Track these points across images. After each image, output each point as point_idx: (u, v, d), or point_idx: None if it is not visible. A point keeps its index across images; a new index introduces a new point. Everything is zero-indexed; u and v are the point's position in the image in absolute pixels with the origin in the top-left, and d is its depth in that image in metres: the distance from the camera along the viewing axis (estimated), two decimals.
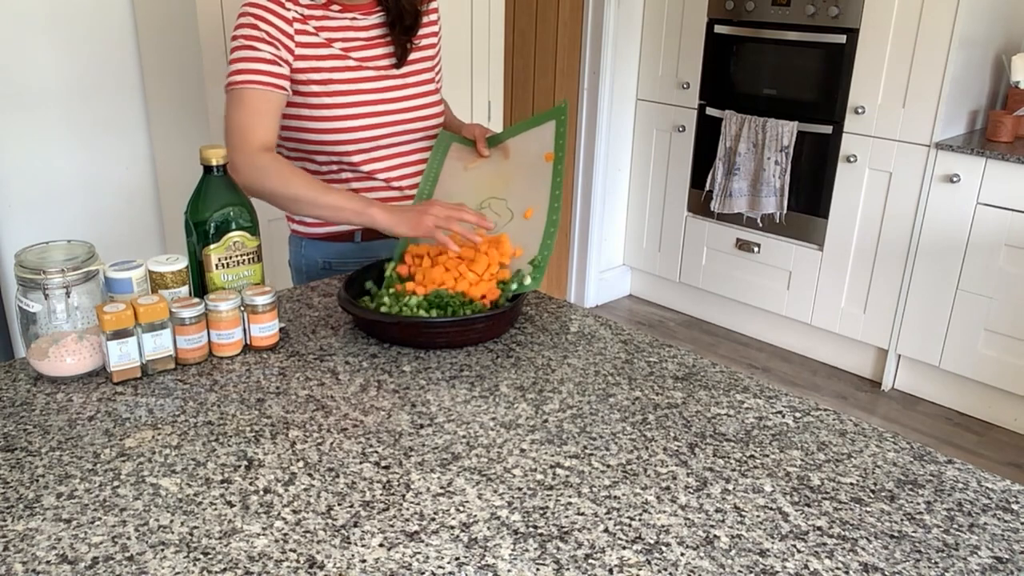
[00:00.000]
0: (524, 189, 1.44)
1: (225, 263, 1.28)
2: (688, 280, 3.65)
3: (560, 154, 1.44)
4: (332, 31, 1.46)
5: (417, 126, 1.55)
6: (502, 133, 1.55)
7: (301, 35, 1.43)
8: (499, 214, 1.42)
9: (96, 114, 2.40)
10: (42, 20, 2.25)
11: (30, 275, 1.13)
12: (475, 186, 1.49)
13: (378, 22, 1.51)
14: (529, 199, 1.42)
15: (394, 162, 1.55)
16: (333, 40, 1.46)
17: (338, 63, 1.46)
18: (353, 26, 1.48)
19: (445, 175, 1.52)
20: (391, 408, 1.08)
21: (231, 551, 0.81)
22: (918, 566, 0.81)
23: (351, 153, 1.50)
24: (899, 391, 3.14)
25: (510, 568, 0.80)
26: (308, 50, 1.43)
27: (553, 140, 1.46)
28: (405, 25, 1.51)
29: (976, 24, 2.76)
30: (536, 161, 1.46)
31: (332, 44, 1.46)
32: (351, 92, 1.47)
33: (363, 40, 1.49)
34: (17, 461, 0.96)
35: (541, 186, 1.42)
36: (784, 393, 1.15)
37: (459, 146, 1.56)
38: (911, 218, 2.91)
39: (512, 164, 1.50)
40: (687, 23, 3.39)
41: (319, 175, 1.52)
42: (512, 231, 1.38)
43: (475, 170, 1.52)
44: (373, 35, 1.50)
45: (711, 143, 3.37)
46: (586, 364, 1.22)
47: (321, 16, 1.45)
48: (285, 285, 1.52)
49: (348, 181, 1.53)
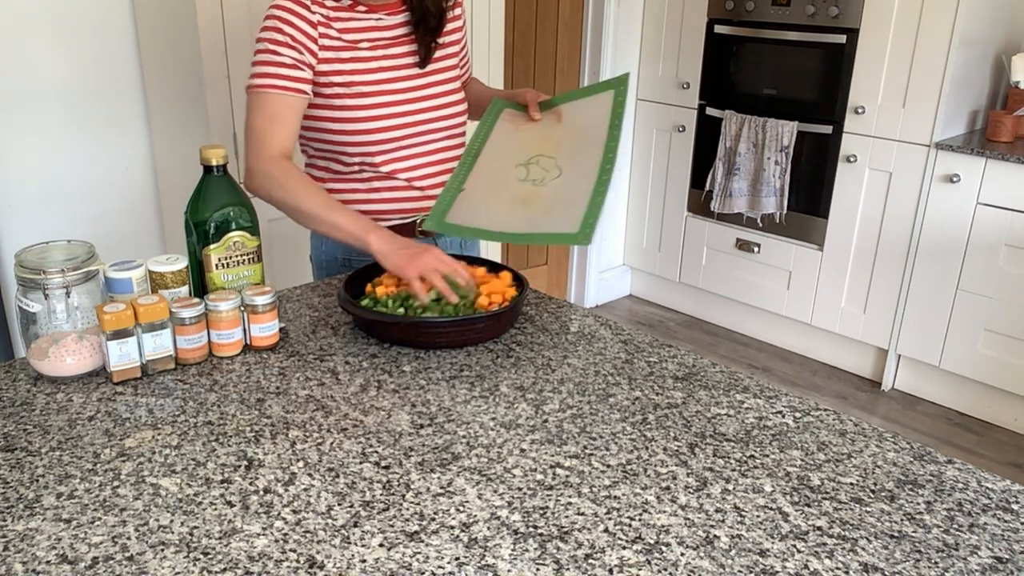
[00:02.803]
0: (575, 150, 1.43)
1: (225, 263, 1.28)
2: (688, 280, 3.65)
3: (617, 121, 1.43)
4: (357, 32, 1.46)
5: (440, 125, 1.55)
6: (555, 98, 1.55)
7: (325, 38, 1.43)
8: (547, 171, 1.42)
9: (96, 114, 2.40)
10: (43, 20, 2.25)
11: (30, 275, 1.13)
12: (525, 144, 1.49)
13: (403, 21, 1.51)
14: (579, 160, 1.41)
15: (416, 162, 1.54)
16: (358, 41, 1.46)
17: (361, 65, 1.46)
18: (378, 26, 1.48)
19: (496, 134, 1.52)
20: (391, 408, 1.08)
21: (231, 551, 0.81)
22: (918, 566, 0.81)
23: (373, 154, 1.50)
24: (899, 391, 3.14)
25: (510, 568, 0.80)
26: (331, 52, 1.44)
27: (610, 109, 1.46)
28: (430, 26, 1.51)
29: (976, 24, 2.76)
30: (590, 125, 1.45)
31: (357, 45, 1.46)
32: (374, 93, 1.47)
33: (388, 39, 1.49)
34: (17, 461, 0.96)
35: (592, 148, 1.41)
36: (784, 393, 1.15)
37: (511, 111, 1.56)
38: (911, 218, 2.91)
39: (564, 127, 1.50)
40: (687, 23, 3.39)
41: (343, 175, 1.53)
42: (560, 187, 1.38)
43: (526, 131, 1.52)
44: (398, 35, 1.50)
45: (711, 143, 3.37)
46: (586, 364, 1.22)
47: (347, 18, 1.46)
48: (293, 283, 1.52)
49: (369, 180, 1.53)
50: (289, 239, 2.37)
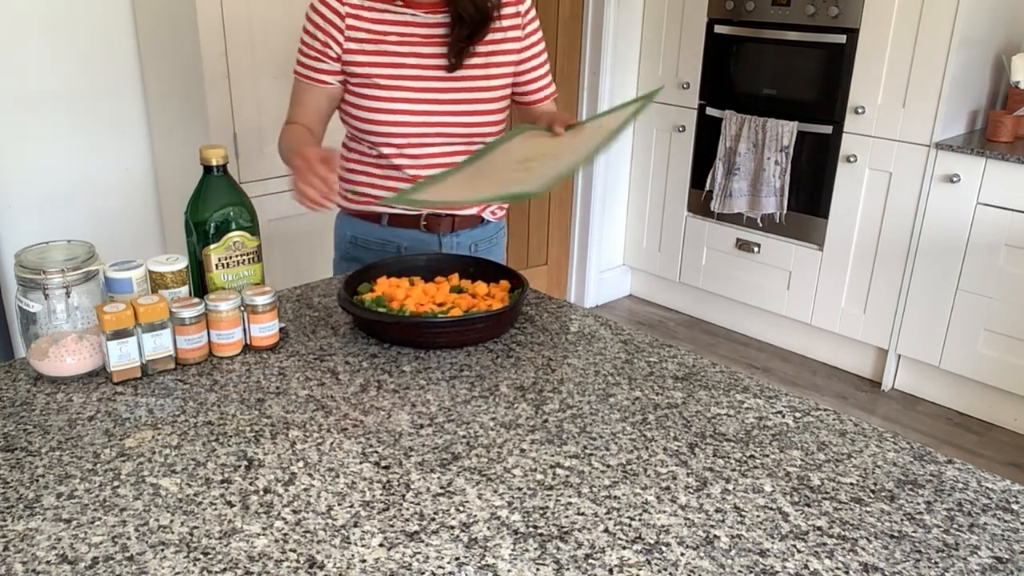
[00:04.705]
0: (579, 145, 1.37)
1: (225, 263, 1.28)
2: (688, 280, 3.65)
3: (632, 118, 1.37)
4: (388, 24, 1.47)
5: (460, 131, 1.53)
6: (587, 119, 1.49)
7: (352, 29, 1.46)
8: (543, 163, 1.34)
9: (96, 114, 2.40)
10: (42, 20, 2.25)
11: (30, 275, 1.13)
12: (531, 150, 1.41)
13: (442, 21, 1.49)
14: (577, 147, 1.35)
15: (426, 162, 1.54)
16: (387, 34, 1.47)
17: (383, 59, 1.47)
18: (413, 22, 1.48)
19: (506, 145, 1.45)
20: (391, 408, 1.08)
21: (231, 551, 0.81)
22: (918, 566, 0.81)
23: (381, 145, 1.52)
24: (899, 391, 3.14)
25: (510, 568, 0.80)
26: (356, 44, 1.47)
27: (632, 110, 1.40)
28: (464, 32, 1.48)
29: (976, 24, 2.76)
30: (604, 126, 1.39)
31: (385, 38, 1.47)
32: (390, 88, 1.48)
33: (420, 37, 1.49)
34: (17, 461, 0.96)
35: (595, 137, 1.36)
36: (784, 393, 1.15)
37: (534, 132, 1.47)
38: (911, 218, 2.91)
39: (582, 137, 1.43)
40: (687, 23, 3.39)
41: (363, 157, 1.58)
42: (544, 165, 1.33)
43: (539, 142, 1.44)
44: (432, 34, 1.49)
45: (711, 143, 3.37)
46: (586, 364, 1.22)
47: (382, 9, 1.47)
48: (293, 283, 1.52)
49: (385, 168, 1.56)
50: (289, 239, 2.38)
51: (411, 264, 1.44)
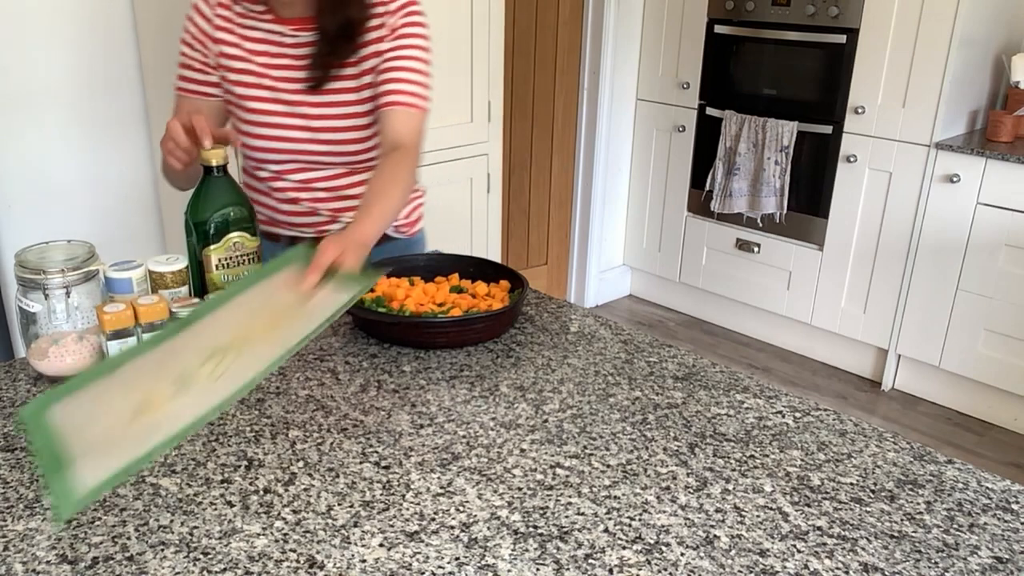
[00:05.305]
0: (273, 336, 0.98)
1: (225, 263, 1.28)
2: (688, 280, 3.65)
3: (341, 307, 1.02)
4: (259, 43, 1.42)
5: (337, 151, 1.45)
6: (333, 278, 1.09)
7: (222, 43, 1.43)
8: None
9: (96, 114, 2.40)
10: (42, 20, 2.25)
11: (30, 275, 1.13)
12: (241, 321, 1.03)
13: (311, 40, 1.40)
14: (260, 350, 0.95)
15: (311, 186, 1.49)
16: (257, 53, 1.42)
17: (250, 79, 1.42)
18: (283, 41, 1.42)
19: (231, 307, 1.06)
20: (391, 408, 1.08)
21: (231, 551, 0.81)
22: (918, 566, 0.81)
23: (257, 169, 1.50)
24: (899, 391, 3.14)
25: (510, 568, 0.80)
26: (225, 60, 1.43)
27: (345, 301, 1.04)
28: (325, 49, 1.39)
29: (976, 24, 2.76)
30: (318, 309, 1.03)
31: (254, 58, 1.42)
32: (259, 111, 1.43)
33: (289, 57, 1.42)
34: (17, 461, 0.96)
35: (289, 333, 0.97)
36: (784, 393, 1.15)
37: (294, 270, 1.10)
38: (911, 218, 2.91)
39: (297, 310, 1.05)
40: (687, 23, 3.39)
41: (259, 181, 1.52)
42: None
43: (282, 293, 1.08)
44: (302, 54, 1.41)
45: (711, 143, 3.37)
46: (586, 364, 1.22)
47: (252, 26, 1.42)
48: None
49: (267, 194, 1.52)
50: None
51: (411, 264, 1.44)
